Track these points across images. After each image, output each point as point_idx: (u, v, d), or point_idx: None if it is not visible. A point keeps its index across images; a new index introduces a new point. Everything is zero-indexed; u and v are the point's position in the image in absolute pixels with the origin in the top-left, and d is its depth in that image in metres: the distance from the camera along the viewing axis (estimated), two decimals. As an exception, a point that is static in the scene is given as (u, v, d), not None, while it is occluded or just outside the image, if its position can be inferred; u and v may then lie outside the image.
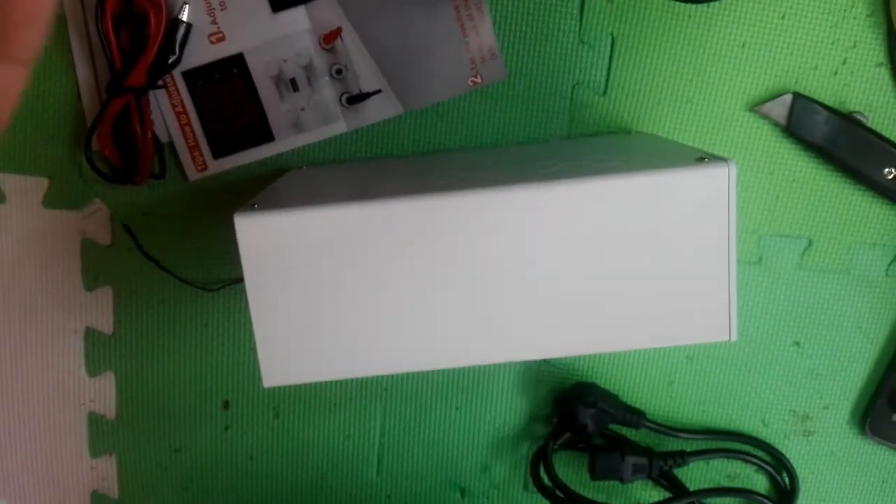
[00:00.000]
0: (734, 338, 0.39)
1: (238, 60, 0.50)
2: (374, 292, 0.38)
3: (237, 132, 0.52)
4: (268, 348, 0.38)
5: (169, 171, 0.52)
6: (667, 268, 0.38)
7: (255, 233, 0.37)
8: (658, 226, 0.37)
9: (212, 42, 0.50)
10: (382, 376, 0.57)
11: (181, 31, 0.49)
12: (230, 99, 0.51)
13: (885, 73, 0.52)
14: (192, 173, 0.52)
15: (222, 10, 0.49)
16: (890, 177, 0.52)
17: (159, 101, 0.51)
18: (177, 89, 0.51)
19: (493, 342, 0.38)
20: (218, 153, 0.52)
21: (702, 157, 0.38)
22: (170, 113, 0.51)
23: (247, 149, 0.52)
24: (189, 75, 0.50)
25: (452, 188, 0.37)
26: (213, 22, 0.49)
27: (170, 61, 0.49)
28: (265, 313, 0.37)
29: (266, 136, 0.52)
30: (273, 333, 0.38)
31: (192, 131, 0.51)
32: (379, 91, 0.52)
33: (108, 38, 0.48)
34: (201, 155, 0.52)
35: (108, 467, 0.58)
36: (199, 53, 0.50)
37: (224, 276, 0.55)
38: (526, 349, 0.39)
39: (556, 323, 0.38)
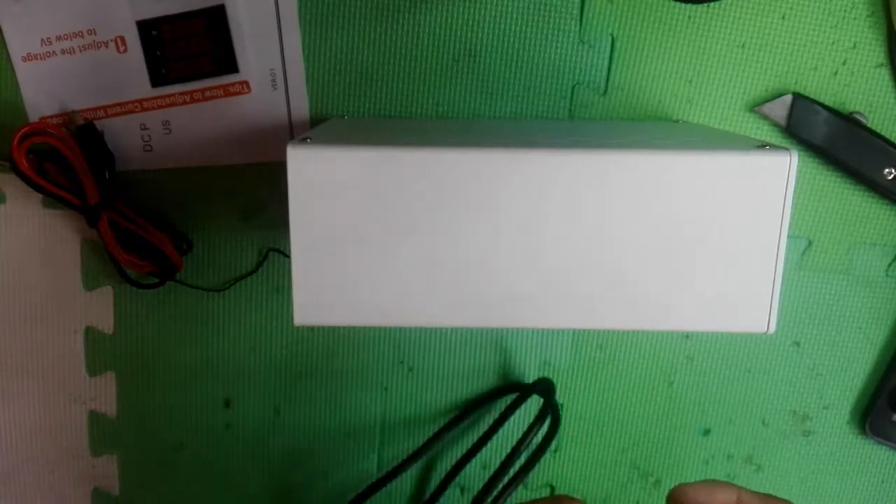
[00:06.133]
0: (772, 330, 0.39)
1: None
2: (417, 242, 0.37)
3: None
4: (303, 286, 0.38)
5: (167, 170, 0.53)
6: (712, 251, 0.38)
7: (305, 166, 0.36)
8: (711, 208, 0.37)
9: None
10: (381, 375, 0.57)
11: (93, 135, 0.50)
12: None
13: (885, 73, 0.52)
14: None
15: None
16: (890, 177, 0.52)
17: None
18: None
19: (526, 308, 0.38)
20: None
21: (763, 145, 0.38)
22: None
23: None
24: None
25: (510, 146, 0.37)
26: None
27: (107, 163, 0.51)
28: (305, 250, 0.37)
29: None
30: (310, 272, 0.37)
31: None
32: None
33: (46, 188, 0.49)
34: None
35: (109, 465, 0.58)
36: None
37: (224, 277, 0.55)
38: (556, 318, 0.38)
39: (593, 295, 0.38)
